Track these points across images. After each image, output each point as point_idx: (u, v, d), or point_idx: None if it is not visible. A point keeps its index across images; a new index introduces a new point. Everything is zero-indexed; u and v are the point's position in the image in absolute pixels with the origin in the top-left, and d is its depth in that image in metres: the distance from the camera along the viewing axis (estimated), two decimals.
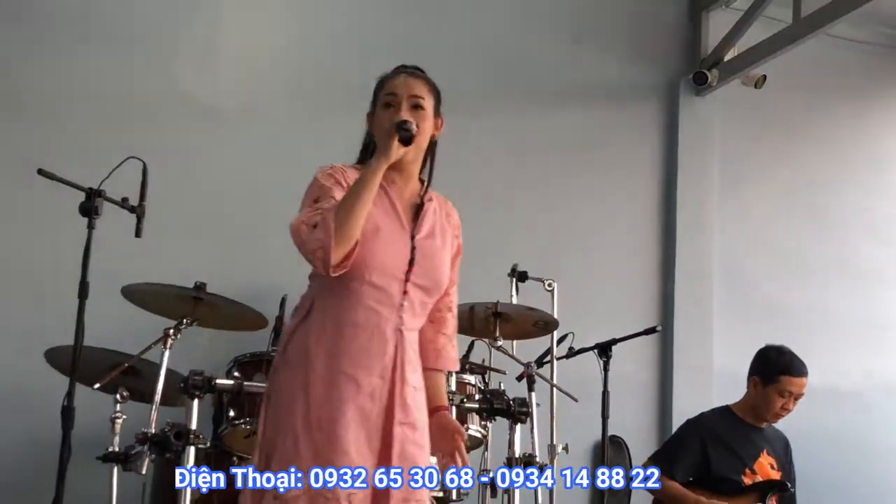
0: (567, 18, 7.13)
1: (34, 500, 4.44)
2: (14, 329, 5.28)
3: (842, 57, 7.70)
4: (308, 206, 3.08)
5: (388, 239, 3.17)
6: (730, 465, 5.50)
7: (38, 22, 5.99)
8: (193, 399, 4.44)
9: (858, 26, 7.41)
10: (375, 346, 3.11)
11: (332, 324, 3.10)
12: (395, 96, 3.27)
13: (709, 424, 5.66)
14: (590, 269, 6.69)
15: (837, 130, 7.77)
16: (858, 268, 7.58)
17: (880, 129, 7.90)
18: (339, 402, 3.01)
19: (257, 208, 5.96)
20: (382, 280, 3.12)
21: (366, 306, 3.10)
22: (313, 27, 6.52)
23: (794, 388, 5.50)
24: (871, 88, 7.92)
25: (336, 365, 3.05)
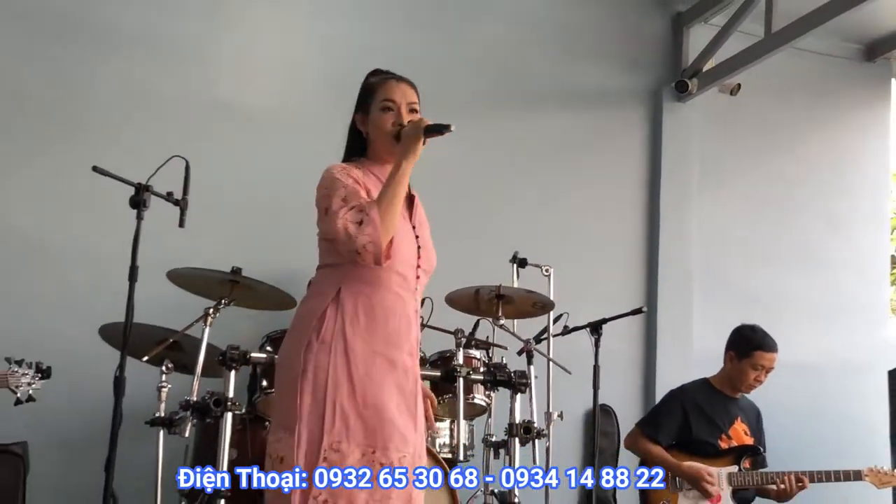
0: (562, 32, 7.10)
1: (90, 460, 4.45)
2: (72, 309, 5.29)
3: (808, 68, 7.68)
4: (339, 204, 3.09)
5: (402, 232, 3.22)
6: (708, 430, 5.50)
7: (96, 40, 5.98)
8: (230, 370, 4.45)
9: (822, 40, 7.37)
10: (403, 327, 3.20)
11: (364, 309, 3.15)
12: (394, 102, 3.31)
13: (689, 394, 5.66)
14: (583, 256, 6.67)
15: (804, 134, 7.75)
16: (818, 257, 7.57)
17: (842, 133, 7.88)
18: (381, 380, 3.09)
19: (286, 201, 5.95)
20: (404, 268, 3.23)
21: (394, 293, 3.19)
22: (337, 41, 6.50)
23: (765, 362, 5.51)
24: (834, 96, 7.90)
25: (372, 346, 3.12)
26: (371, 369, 3.09)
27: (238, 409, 4.43)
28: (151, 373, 4.79)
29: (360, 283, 3.17)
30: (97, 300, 4.90)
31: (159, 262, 4.58)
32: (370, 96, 3.37)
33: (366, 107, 3.38)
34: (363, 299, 3.16)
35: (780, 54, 6.74)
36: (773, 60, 6.81)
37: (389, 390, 3.11)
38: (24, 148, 5.78)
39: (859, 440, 6.33)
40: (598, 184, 7.11)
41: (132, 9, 6.09)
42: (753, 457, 5.46)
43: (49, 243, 5.70)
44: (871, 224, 7.91)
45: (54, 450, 4.85)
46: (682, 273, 7.15)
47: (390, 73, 3.45)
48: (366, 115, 3.38)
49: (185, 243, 4.59)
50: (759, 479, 5.38)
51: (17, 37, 5.84)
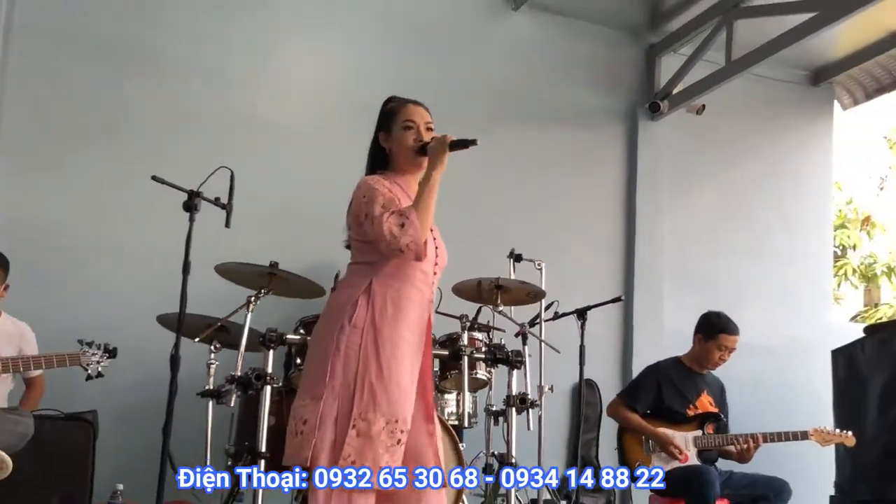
0: (552, 61, 7.10)
1: (150, 426, 4.46)
2: (134, 300, 5.31)
3: (763, 91, 7.66)
4: (379, 210, 3.15)
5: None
6: (678, 401, 5.50)
7: (156, 69, 5.99)
8: (269, 349, 4.45)
9: (775, 67, 7.37)
10: (420, 315, 3.27)
11: (392, 300, 3.21)
12: (414, 122, 3.36)
13: (663, 370, 5.65)
14: (570, 252, 6.67)
15: (758, 148, 7.73)
16: (771, 253, 7.57)
17: (792, 147, 7.87)
18: (402, 359, 3.16)
19: (316, 205, 5.95)
20: (426, 266, 3.29)
21: (416, 287, 3.27)
22: (363, 68, 6.51)
23: (728, 343, 5.50)
24: (784, 115, 7.89)
25: (397, 331, 3.18)
26: (396, 351, 3.15)
27: (275, 382, 4.43)
28: (202, 352, 4.81)
29: (389, 278, 3.23)
30: (155, 292, 4.90)
31: (208, 258, 4.60)
32: (392, 118, 3.40)
33: (388, 126, 3.41)
34: (391, 292, 3.21)
35: (738, 79, 6.75)
36: (732, 85, 6.82)
37: (406, 368, 3.17)
38: (95, 160, 5.80)
39: (806, 408, 6.32)
40: (583, 190, 7.11)
41: (186, 42, 6.10)
42: (716, 423, 5.45)
43: (114, 242, 5.72)
44: (817, 225, 7.91)
45: (119, 417, 4.87)
46: (655, 266, 7.15)
47: (407, 99, 3.47)
48: (388, 133, 3.40)
49: (230, 241, 4.59)
50: (720, 442, 5.38)
51: (93, 66, 5.85)
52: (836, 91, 8.12)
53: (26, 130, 5.70)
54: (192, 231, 4.46)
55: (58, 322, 4.89)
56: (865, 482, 5.79)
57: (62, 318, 5.07)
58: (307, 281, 4.85)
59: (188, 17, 6.13)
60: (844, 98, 8.21)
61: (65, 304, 5.33)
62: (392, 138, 3.39)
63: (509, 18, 7.06)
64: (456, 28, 6.85)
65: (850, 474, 5.94)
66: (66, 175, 5.74)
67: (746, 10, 6.58)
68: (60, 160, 5.74)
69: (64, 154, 5.76)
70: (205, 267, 4.58)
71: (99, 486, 4.16)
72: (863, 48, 7.47)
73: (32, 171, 5.67)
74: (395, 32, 6.64)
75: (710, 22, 6.89)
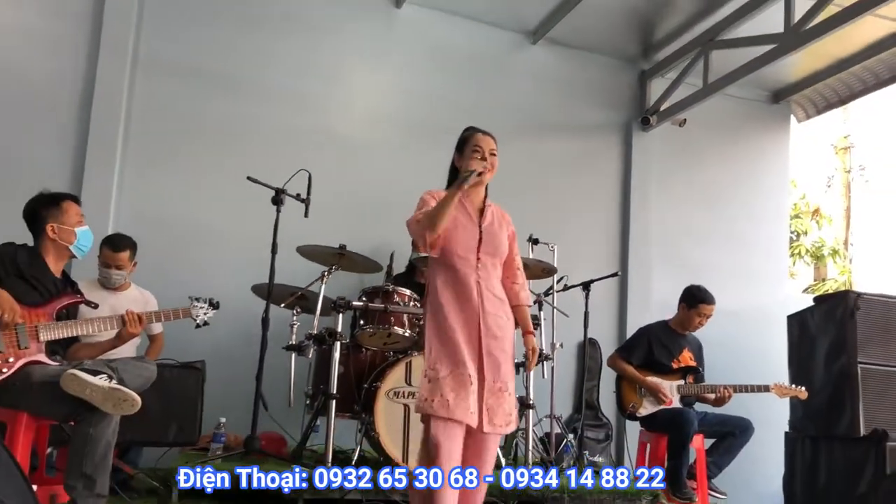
0: (562, 84, 7.06)
1: (246, 373, 4.53)
2: (233, 274, 5.34)
3: (733, 107, 7.58)
4: (416, 211, 3.33)
5: (463, 228, 3.36)
6: (665, 355, 5.48)
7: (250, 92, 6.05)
8: (339, 313, 4.49)
9: (742, 88, 7.29)
10: (466, 292, 3.29)
11: (443, 283, 3.31)
12: (481, 148, 3.42)
13: (653, 331, 5.64)
14: (577, 237, 6.65)
15: (729, 153, 7.65)
16: (738, 238, 7.48)
17: (756, 153, 7.77)
18: (455, 325, 3.23)
19: (376, 199, 5.99)
20: (465, 252, 3.34)
21: (458, 269, 3.31)
22: (411, 91, 6.51)
23: (707, 311, 5.50)
24: (750, 127, 7.79)
25: (450, 305, 3.26)
26: (448, 319, 3.23)
27: (344, 339, 4.48)
28: (286, 315, 4.86)
29: (443, 268, 3.33)
30: (249, 269, 4.95)
31: (291, 241, 4.64)
32: (466, 144, 3.46)
33: (462, 151, 3.46)
34: (443, 277, 3.31)
35: (713, 98, 6.72)
36: (709, 103, 6.78)
37: (459, 333, 3.22)
38: (202, 165, 5.86)
39: (766, 363, 6.26)
40: (587, 187, 7.08)
41: (273, 71, 6.13)
42: (695, 375, 5.44)
43: (218, 229, 5.79)
44: (776, 215, 7.81)
45: (222, 366, 4.91)
46: (645, 248, 7.11)
47: (479, 129, 3.52)
48: (461, 155, 3.45)
49: (307, 228, 4.61)
50: (698, 390, 5.37)
51: (201, 89, 5.92)
52: (792, 107, 8.02)
53: (149, 142, 5.77)
54: (278, 220, 4.53)
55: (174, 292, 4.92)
56: (813, 421, 5.75)
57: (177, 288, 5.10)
58: (369, 259, 4.87)
59: (276, 50, 6.16)
60: (799, 113, 8.11)
61: (179, 277, 5.37)
62: (462, 159, 3.42)
63: (528, 51, 7.02)
64: (486, 59, 6.81)
65: (802, 415, 5.90)
66: (180, 176, 5.81)
67: (720, 42, 6.55)
68: (175, 165, 5.81)
69: (178, 160, 5.83)
70: (288, 248, 4.63)
71: (206, 419, 4.21)
72: (814, 72, 7.38)
73: (154, 174, 5.75)
74: (436, 62, 6.62)
75: (691, 52, 6.85)
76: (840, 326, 5.56)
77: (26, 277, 3.44)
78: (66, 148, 5.55)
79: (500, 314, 3.33)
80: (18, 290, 3.37)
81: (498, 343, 3.28)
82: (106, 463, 3.16)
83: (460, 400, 3.11)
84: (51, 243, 3.56)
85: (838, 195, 18.49)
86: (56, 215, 3.56)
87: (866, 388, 5.39)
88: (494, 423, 3.21)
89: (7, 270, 3.40)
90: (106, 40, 5.66)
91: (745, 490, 6.23)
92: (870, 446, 5.22)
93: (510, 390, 3.29)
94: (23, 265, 3.45)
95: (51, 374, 3.20)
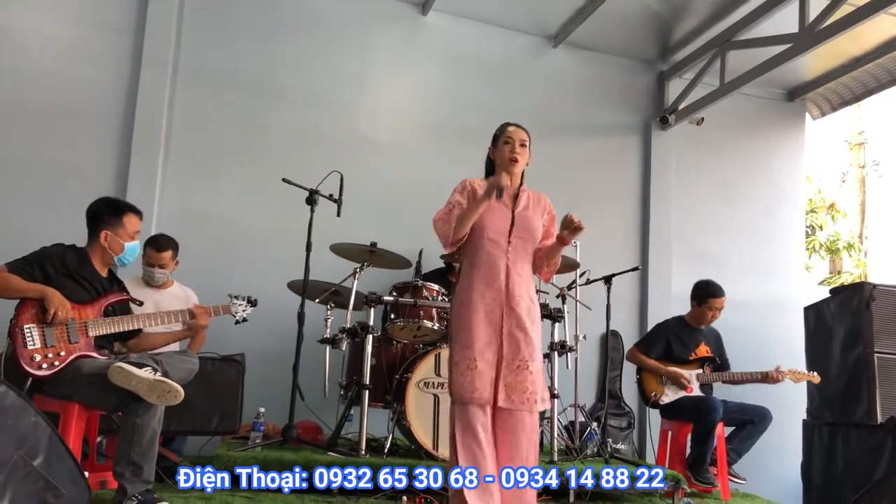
0: (584, 86, 7.04)
1: (283, 365, 4.56)
2: (270, 271, 5.37)
3: (749, 106, 7.50)
4: (446, 205, 3.36)
5: (496, 213, 3.35)
6: (682, 350, 5.47)
7: (281, 97, 6.08)
8: (371, 307, 4.51)
9: (758, 87, 7.24)
10: (493, 274, 3.29)
11: (469, 265, 3.34)
12: (512, 139, 3.45)
13: (670, 326, 5.61)
14: (599, 232, 6.54)
15: (745, 150, 7.56)
16: (755, 232, 7.41)
17: (771, 149, 7.69)
18: (477, 306, 3.25)
19: (404, 199, 6.01)
20: (496, 236, 3.33)
21: (487, 251, 3.31)
22: (437, 95, 6.52)
23: (717, 304, 5.46)
24: (766, 125, 7.70)
25: (475, 286, 3.28)
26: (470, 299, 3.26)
27: (376, 332, 4.49)
28: (320, 309, 4.88)
29: (471, 250, 3.34)
30: (286, 265, 4.97)
31: (324, 239, 4.67)
32: (499, 136, 3.49)
33: (496, 142, 3.50)
34: (471, 259, 3.34)
35: (730, 98, 6.67)
36: (725, 102, 6.74)
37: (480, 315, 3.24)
38: (240, 167, 5.91)
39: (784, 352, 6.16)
40: (609, 184, 7.04)
41: (306, 78, 6.16)
42: (712, 363, 5.42)
43: (255, 228, 5.83)
44: (791, 210, 7.71)
45: (261, 359, 4.96)
46: (665, 243, 7.05)
47: (513, 122, 3.54)
48: (494, 146, 3.50)
49: (340, 227, 4.64)
50: (713, 378, 5.36)
51: (237, 96, 5.96)
52: (807, 105, 7.92)
53: (190, 146, 5.83)
54: (312, 220, 4.56)
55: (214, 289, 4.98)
56: (830, 409, 5.69)
57: (217, 286, 5.16)
58: (398, 256, 4.88)
59: (307, 58, 6.19)
60: (814, 111, 8.01)
61: (218, 275, 5.42)
62: (496, 150, 3.47)
63: (550, 54, 6.99)
64: (509, 63, 6.80)
65: (819, 403, 5.84)
66: (219, 180, 5.86)
67: (736, 42, 6.49)
68: (214, 169, 5.87)
69: (216, 164, 5.88)
70: (322, 246, 4.65)
71: (246, 409, 4.24)
72: (829, 71, 7.30)
73: (194, 177, 5.80)
74: (461, 67, 6.62)
75: (707, 53, 6.79)
76: (856, 317, 5.50)
77: (75, 277, 3.51)
78: (111, 154, 5.62)
79: (526, 297, 3.31)
80: (68, 288, 3.44)
81: (520, 324, 3.25)
82: (152, 451, 3.20)
83: (467, 382, 3.15)
84: (101, 248, 3.62)
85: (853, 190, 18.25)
86: (114, 225, 3.64)
87: (882, 377, 5.33)
88: (512, 398, 3.17)
89: (57, 270, 3.47)
90: (148, 52, 5.74)
91: (765, 476, 6.16)
92: (886, 433, 5.14)
93: (533, 369, 3.22)
94: (71, 265, 3.52)
95: (99, 367, 3.25)
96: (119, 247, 3.62)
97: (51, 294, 3.34)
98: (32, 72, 5.53)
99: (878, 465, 5.13)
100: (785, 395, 6.01)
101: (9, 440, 2.28)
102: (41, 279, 3.41)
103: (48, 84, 5.54)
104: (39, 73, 5.54)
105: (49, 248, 3.54)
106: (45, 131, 5.48)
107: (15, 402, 2.33)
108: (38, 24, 5.61)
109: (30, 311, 3.32)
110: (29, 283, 3.36)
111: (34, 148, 5.44)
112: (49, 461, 2.39)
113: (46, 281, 3.41)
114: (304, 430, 4.55)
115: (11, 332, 3.29)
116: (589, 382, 6.62)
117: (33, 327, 3.30)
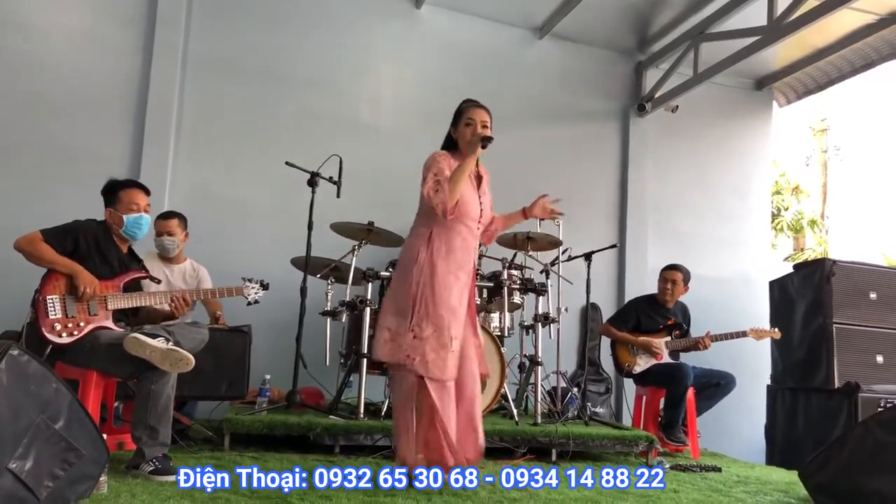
0: (565, 75, 7.00)
1: (287, 336, 4.55)
2: (275, 249, 5.36)
3: (720, 94, 7.48)
4: (431, 177, 3.18)
5: (469, 198, 3.28)
6: (651, 325, 5.51)
7: (283, 83, 6.05)
8: (369, 282, 4.51)
9: (728, 77, 7.22)
10: (466, 257, 3.25)
11: (445, 245, 3.21)
12: (473, 121, 3.32)
13: (640, 303, 5.70)
14: (580, 212, 6.58)
15: (717, 136, 7.55)
16: (725, 213, 7.41)
17: (741, 135, 7.67)
18: (451, 287, 3.16)
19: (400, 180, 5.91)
20: (469, 221, 3.27)
21: (462, 236, 3.25)
22: (431, 82, 6.48)
23: (666, 275, 5.62)
24: (736, 113, 7.68)
25: (447, 268, 3.18)
26: (446, 280, 3.15)
27: (373, 305, 4.49)
28: (322, 284, 4.88)
29: (443, 228, 3.22)
30: (288, 243, 4.96)
31: (325, 219, 4.65)
32: (460, 115, 3.37)
33: (457, 122, 3.38)
34: (444, 239, 3.21)
35: (702, 87, 6.65)
36: (698, 90, 6.72)
37: (455, 294, 3.17)
38: (246, 149, 5.88)
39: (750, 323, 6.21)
40: (589, 168, 7.02)
41: (307, 64, 6.13)
42: (678, 330, 5.46)
43: (261, 207, 5.82)
44: (759, 191, 7.72)
45: (266, 330, 4.95)
46: (641, 222, 7.05)
47: (474, 101, 3.43)
48: (455, 127, 3.37)
49: (339, 207, 4.62)
50: (684, 344, 5.40)
51: (242, 82, 5.93)
52: (774, 94, 7.91)
53: (199, 131, 5.81)
54: (313, 200, 4.54)
55: (223, 263, 4.98)
56: (792, 375, 5.75)
57: (226, 260, 5.16)
58: (394, 234, 4.86)
59: (309, 47, 6.15)
60: (781, 99, 8.00)
61: (226, 252, 5.42)
62: (457, 131, 3.35)
63: (535, 45, 6.95)
64: (496, 53, 6.76)
65: (782, 369, 5.90)
66: (226, 162, 5.84)
67: (709, 35, 6.47)
68: (221, 150, 5.85)
69: (224, 148, 5.85)
70: (323, 225, 4.64)
71: (253, 376, 4.25)
72: (795, 62, 7.28)
73: (203, 160, 5.78)
74: (452, 57, 6.59)
75: (682, 45, 6.77)
76: (817, 290, 5.54)
77: (103, 252, 3.51)
78: (125, 139, 5.59)
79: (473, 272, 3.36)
80: (94, 262, 3.45)
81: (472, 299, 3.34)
82: (167, 415, 3.21)
83: (440, 360, 3.06)
84: (109, 225, 3.60)
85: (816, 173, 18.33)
86: (112, 202, 3.62)
87: (840, 346, 5.38)
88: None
89: (88, 244, 3.47)
90: (159, 42, 5.70)
91: (732, 437, 6.24)
92: (843, 397, 5.21)
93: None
94: (102, 241, 3.53)
95: (116, 338, 3.25)
96: (119, 220, 3.58)
97: (80, 272, 3.35)
98: (53, 63, 5.50)
99: (835, 426, 5.20)
100: (751, 362, 6.07)
101: (32, 405, 2.28)
102: (71, 250, 3.41)
103: (67, 74, 5.51)
104: (59, 64, 5.51)
105: (83, 221, 3.54)
106: (64, 119, 5.46)
107: (37, 370, 2.33)
108: (58, 18, 5.58)
109: (54, 283, 3.33)
110: (59, 257, 3.37)
111: (55, 135, 5.42)
112: (70, 424, 2.39)
113: (75, 252, 3.41)
114: (307, 396, 4.56)
115: (35, 301, 3.30)
116: (570, 351, 6.65)
117: (56, 298, 3.30)
